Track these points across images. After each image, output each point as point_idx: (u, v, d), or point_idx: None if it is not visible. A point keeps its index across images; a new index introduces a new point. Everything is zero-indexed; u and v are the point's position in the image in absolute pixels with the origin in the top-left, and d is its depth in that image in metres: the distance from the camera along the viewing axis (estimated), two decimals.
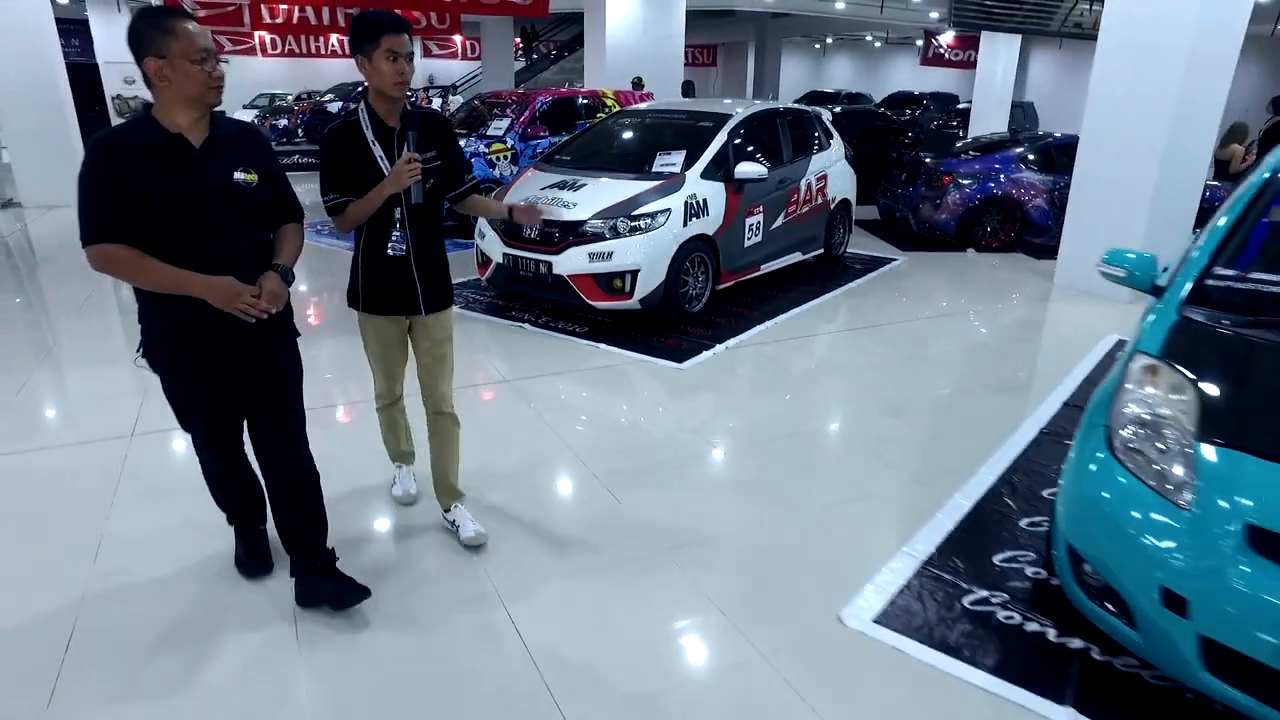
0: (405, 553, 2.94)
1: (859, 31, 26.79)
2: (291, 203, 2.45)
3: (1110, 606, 2.24)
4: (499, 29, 17.46)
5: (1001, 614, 2.58)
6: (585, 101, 9.47)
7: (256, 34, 21.11)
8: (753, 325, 5.51)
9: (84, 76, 12.27)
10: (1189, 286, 2.67)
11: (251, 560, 2.74)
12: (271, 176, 2.34)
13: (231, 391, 2.42)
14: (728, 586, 2.72)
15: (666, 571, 2.80)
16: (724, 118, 6.01)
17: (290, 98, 21.29)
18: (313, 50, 21.19)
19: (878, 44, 29.76)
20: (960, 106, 18.99)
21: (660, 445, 3.84)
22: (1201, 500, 2.06)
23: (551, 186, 5.55)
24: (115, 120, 14.16)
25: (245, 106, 20.34)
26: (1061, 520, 2.42)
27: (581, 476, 3.47)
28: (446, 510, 3.05)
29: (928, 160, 8.62)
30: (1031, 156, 8.36)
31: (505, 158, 8.39)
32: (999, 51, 15.46)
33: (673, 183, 5.38)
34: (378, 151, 2.63)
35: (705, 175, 5.55)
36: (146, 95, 2.12)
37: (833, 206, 7.07)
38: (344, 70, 21.65)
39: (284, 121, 16.50)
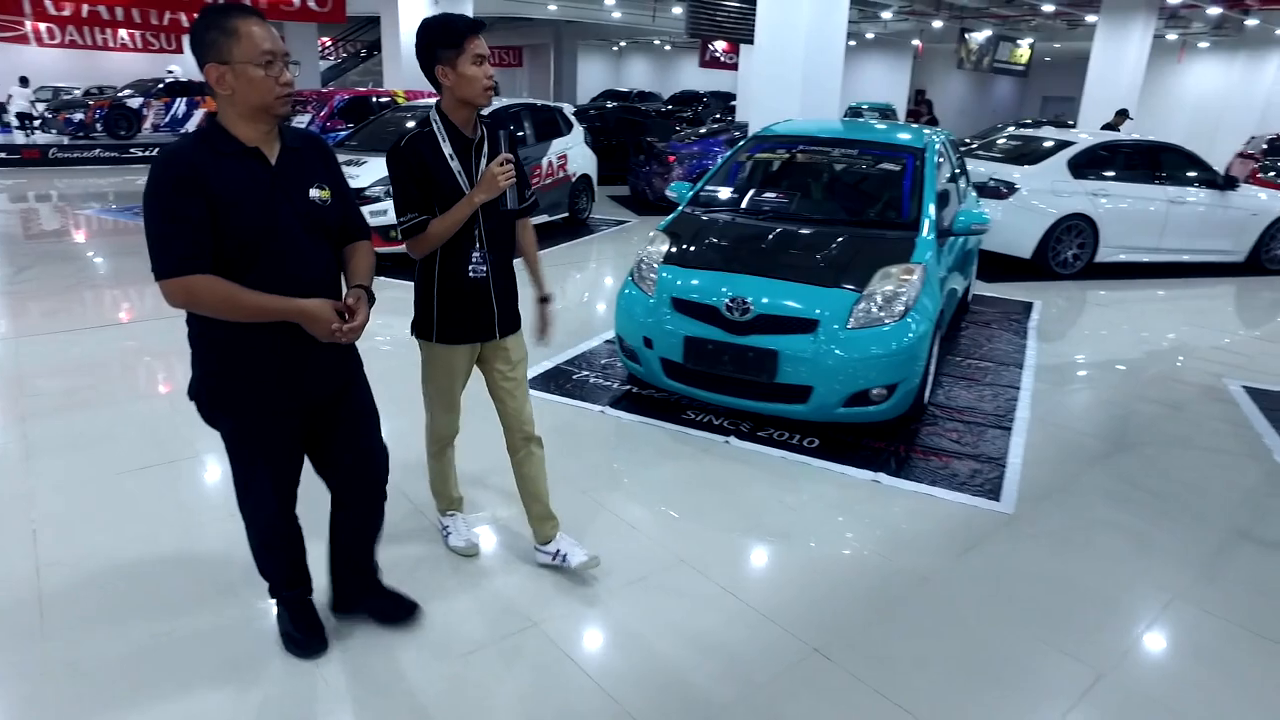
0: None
1: (646, 36, 29.50)
2: (359, 219, 2.20)
3: (631, 359, 4.34)
4: (302, 31, 18.34)
5: (592, 380, 4.67)
6: (378, 100, 11.03)
7: (29, 23, 20.47)
8: None
9: None
10: (691, 196, 4.88)
11: (309, 636, 2.34)
12: (340, 192, 2.09)
13: (308, 429, 2.14)
14: None
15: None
16: None
17: (79, 91, 20.87)
18: (99, 43, 20.72)
19: (667, 47, 32.70)
20: (734, 104, 21.98)
21: None
22: (657, 292, 4.19)
23: (341, 164, 7.21)
24: None
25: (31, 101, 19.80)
26: (616, 323, 4.51)
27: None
28: (546, 542, 2.76)
29: (658, 144, 10.93)
30: (738, 138, 10.85)
31: None
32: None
33: None
34: (455, 166, 2.39)
35: None
36: None
37: (574, 180, 9.16)
38: (138, 65, 21.45)
39: (79, 116, 16.49)
